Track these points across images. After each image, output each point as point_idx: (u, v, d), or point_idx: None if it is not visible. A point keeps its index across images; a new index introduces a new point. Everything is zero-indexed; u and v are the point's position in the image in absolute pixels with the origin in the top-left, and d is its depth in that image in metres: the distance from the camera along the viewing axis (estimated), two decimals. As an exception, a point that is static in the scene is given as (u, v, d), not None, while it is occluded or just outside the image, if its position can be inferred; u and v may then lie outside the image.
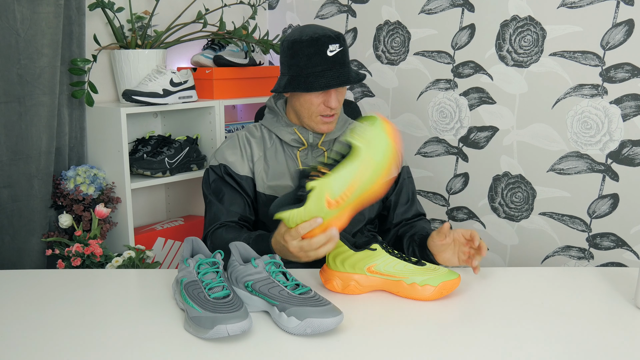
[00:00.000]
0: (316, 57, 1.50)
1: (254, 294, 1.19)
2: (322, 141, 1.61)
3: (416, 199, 1.73)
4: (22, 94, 1.97)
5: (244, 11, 2.67)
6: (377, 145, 1.19)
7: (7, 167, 1.98)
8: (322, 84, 1.49)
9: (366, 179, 1.19)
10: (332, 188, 1.20)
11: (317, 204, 1.21)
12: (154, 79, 2.14)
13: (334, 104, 1.53)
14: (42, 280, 1.42)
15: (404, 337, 1.11)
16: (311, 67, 1.50)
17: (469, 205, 2.36)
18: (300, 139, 1.60)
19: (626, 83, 1.96)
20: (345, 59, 1.53)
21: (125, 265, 1.92)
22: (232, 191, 1.58)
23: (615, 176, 2.02)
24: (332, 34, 1.52)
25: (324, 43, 1.50)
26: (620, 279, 1.39)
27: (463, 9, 2.25)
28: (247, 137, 1.63)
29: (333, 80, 1.50)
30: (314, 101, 1.54)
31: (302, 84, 1.51)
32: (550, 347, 1.06)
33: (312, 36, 1.50)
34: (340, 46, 1.52)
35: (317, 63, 1.50)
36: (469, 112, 2.29)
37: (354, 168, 1.19)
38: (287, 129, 1.61)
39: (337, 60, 1.51)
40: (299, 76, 1.52)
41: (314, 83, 1.49)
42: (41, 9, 1.96)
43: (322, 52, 1.49)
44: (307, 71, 1.50)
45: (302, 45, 1.50)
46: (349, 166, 1.20)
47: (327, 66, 1.50)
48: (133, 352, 1.05)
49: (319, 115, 1.56)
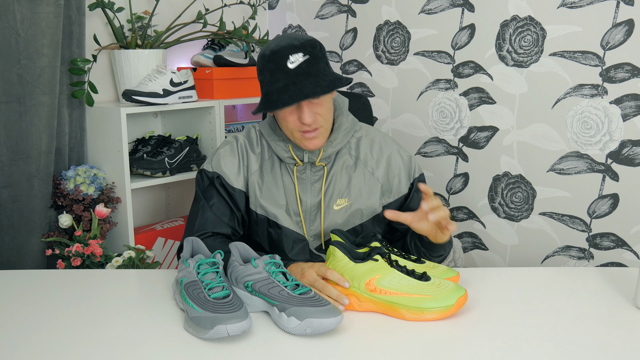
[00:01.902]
0: (277, 72, 1.37)
1: (253, 294, 1.19)
2: (321, 158, 1.49)
3: None
4: (22, 94, 1.97)
5: (244, 11, 2.67)
6: (438, 301, 1.17)
7: (7, 167, 1.98)
8: (284, 101, 1.36)
9: (407, 305, 1.17)
10: (385, 277, 1.20)
11: (361, 275, 1.21)
12: (154, 79, 2.14)
13: (307, 119, 1.39)
14: (42, 280, 1.42)
15: (403, 337, 1.11)
16: (274, 82, 1.37)
17: (469, 205, 2.36)
18: (294, 158, 1.49)
19: (626, 83, 1.96)
20: (310, 70, 1.37)
21: (125, 265, 1.92)
22: (223, 203, 1.49)
23: (615, 176, 2.02)
24: (296, 43, 1.37)
25: (283, 55, 1.36)
26: (620, 279, 1.39)
27: (463, 9, 2.25)
28: (246, 146, 1.53)
29: (295, 95, 1.35)
30: (289, 118, 1.42)
31: (267, 103, 1.39)
32: (550, 347, 1.06)
33: (273, 49, 1.37)
34: (304, 55, 1.36)
35: (278, 78, 1.37)
36: (469, 112, 2.29)
37: (412, 288, 1.19)
38: (283, 144, 1.49)
39: (300, 71, 1.36)
40: (266, 94, 1.40)
41: (277, 100, 1.36)
42: (41, 9, 1.96)
43: (282, 65, 1.36)
44: (272, 88, 1.38)
45: (264, 60, 1.39)
46: (411, 283, 1.19)
47: (290, 80, 1.36)
48: (133, 352, 1.05)
49: (299, 131, 1.43)
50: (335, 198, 1.50)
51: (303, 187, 1.49)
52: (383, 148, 1.55)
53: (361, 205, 1.50)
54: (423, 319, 1.17)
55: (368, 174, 1.52)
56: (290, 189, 1.49)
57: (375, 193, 1.52)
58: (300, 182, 1.49)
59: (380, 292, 1.19)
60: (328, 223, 1.49)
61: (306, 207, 1.49)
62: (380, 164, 1.53)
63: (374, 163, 1.53)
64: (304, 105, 1.39)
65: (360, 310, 1.21)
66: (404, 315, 1.18)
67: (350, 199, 1.50)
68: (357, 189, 1.51)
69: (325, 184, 1.50)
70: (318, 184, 1.49)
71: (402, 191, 1.54)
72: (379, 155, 1.54)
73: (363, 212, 1.50)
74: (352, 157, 1.53)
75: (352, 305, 1.22)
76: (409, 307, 1.17)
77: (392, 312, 1.19)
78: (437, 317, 1.17)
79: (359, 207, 1.50)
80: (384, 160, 1.54)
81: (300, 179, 1.50)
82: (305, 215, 1.49)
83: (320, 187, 1.49)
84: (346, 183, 1.51)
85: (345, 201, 1.50)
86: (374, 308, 1.21)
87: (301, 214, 1.49)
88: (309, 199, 1.49)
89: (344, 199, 1.50)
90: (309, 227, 1.49)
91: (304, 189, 1.49)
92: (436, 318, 1.17)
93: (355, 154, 1.54)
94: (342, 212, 1.49)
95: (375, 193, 1.52)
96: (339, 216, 1.50)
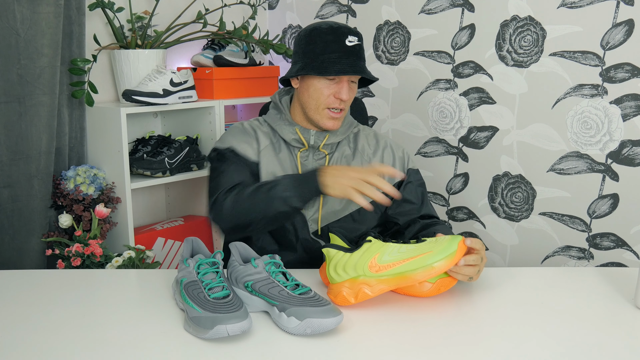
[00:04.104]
0: (334, 44, 1.47)
1: (253, 294, 1.19)
2: (324, 144, 1.57)
3: (427, 202, 1.64)
4: (22, 94, 1.97)
5: (244, 11, 2.67)
6: (440, 252, 1.18)
7: (7, 167, 1.98)
8: (337, 69, 1.46)
9: (415, 267, 1.18)
10: (384, 253, 1.20)
11: (362, 261, 1.21)
12: (154, 79, 2.14)
13: (345, 95, 1.49)
14: (42, 280, 1.42)
15: (403, 337, 1.11)
16: (328, 52, 1.47)
17: (469, 205, 2.36)
18: (301, 140, 1.56)
19: (626, 83, 1.96)
20: (362, 54, 1.52)
21: (125, 265, 1.92)
22: (242, 168, 1.51)
23: (615, 176, 2.02)
24: (351, 28, 1.51)
25: (344, 33, 1.48)
26: (620, 279, 1.39)
27: (463, 9, 2.25)
28: (252, 127, 1.60)
29: (349, 68, 1.47)
30: (324, 91, 1.50)
31: (317, 68, 1.47)
32: (550, 347, 1.06)
33: (332, 26, 1.49)
34: (359, 40, 1.51)
35: (334, 50, 1.47)
36: (469, 112, 2.29)
37: (412, 251, 1.20)
38: (289, 127, 1.57)
39: (355, 52, 1.49)
40: (313, 61, 1.49)
41: (329, 67, 1.46)
42: (41, 9, 1.96)
43: (341, 41, 1.48)
44: (323, 57, 1.47)
45: (320, 32, 1.49)
46: (409, 248, 1.20)
47: (344, 54, 1.48)
48: (133, 352, 1.05)
49: (327, 107, 1.52)
50: None
51: None
52: (379, 141, 1.67)
53: None
54: (435, 275, 1.19)
55: (365, 162, 1.61)
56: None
57: None
58: (303, 168, 1.56)
59: (386, 269, 1.19)
60: (327, 209, 1.55)
61: None
62: (377, 154, 1.64)
63: (370, 153, 1.63)
64: (345, 82, 1.50)
65: (375, 295, 1.21)
66: (415, 279, 1.18)
67: None
68: None
69: None
70: None
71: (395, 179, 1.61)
72: (376, 146, 1.65)
73: None
74: (351, 148, 1.62)
75: (366, 294, 1.20)
76: (417, 268, 1.17)
77: (404, 282, 1.19)
78: (446, 266, 1.18)
79: None
80: (380, 150, 1.64)
81: (303, 165, 1.56)
82: None
83: None
84: None
85: None
86: (387, 287, 1.21)
87: None
88: None
89: None
90: (307, 212, 1.55)
91: None
92: (446, 268, 1.18)
93: (354, 145, 1.63)
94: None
95: None
96: (336, 201, 1.56)
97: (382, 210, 1.60)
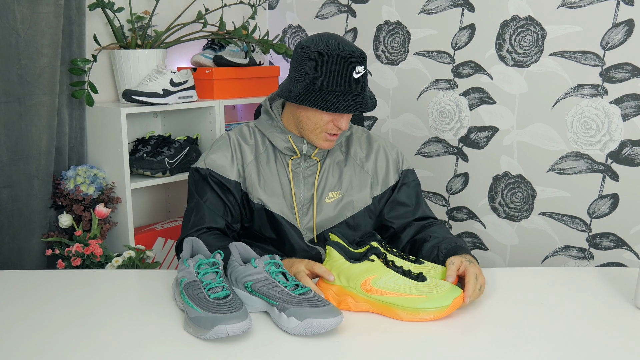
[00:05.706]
0: (341, 76, 1.40)
1: (253, 295, 1.19)
2: (317, 152, 1.54)
3: (423, 203, 1.62)
4: (22, 94, 1.97)
5: (244, 11, 2.67)
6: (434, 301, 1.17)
7: (7, 167, 1.98)
8: (342, 106, 1.41)
9: (403, 305, 1.17)
10: (381, 277, 1.20)
11: (357, 275, 1.21)
12: (154, 79, 2.14)
13: (344, 125, 1.46)
14: (42, 281, 1.42)
15: (403, 336, 1.11)
16: (334, 85, 1.41)
17: (469, 205, 2.36)
18: (294, 148, 1.52)
19: (626, 83, 1.96)
20: (366, 82, 1.46)
21: (125, 265, 1.92)
22: (216, 198, 1.50)
23: (615, 176, 2.02)
24: (359, 54, 1.42)
25: (352, 63, 1.40)
26: (620, 279, 1.39)
27: (463, 9, 2.25)
28: (238, 140, 1.55)
29: (354, 105, 1.42)
30: (324, 118, 1.45)
31: (321, 101, 1.41)
32: (550, 347, 1.06)
33: (341, 53, 1.40)
34: (364, 68, 1.44)
35: (341, 83, 1.41)
36: (469, 112, 2.29)
37: (408, 288, 1.19)
38: (282, 135, 1.53)
39: (360, 83, 1.43)
40: (318, 91, 1.41)
41: (334, 103, 1.40)
42: (41, 9, 1.95)
43: (349, 73, 1.41)
44: (329, 88, 1.41)
45: (328, 59, 1.40)
46: (407, 283, 1.19)
47: (350, 88, 1.41)
48: (133, 352, 1.05)
49: (324, 132, 1.48)
50: (327, 191, 1.54)
51: (297, 181, 1.54)
52: (372, 143, 1.63)
53: (352, 197, 1.55)
54: (419, 320, 1.17)
55: (358, 168, 1.59)
56: (285, 183, 1.53)
57: (365, 185, 1.57)
58: (294, 176, 1.54)
59: (376, 293, 1.19)
60: (321, 217, 1.54)
61: (299, 201, 1.53)
62: (370, 157, 1.60)
63: (363, 157, 1.60)
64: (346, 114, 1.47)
65: (356, 310, 1.21)
66: (399, 316, 1.18)
67: (341, 191, 1.55)
68: (348, 182, 1.56)
69: (319, 178, 1.55)
70: (311, 178, 1.54)
71: (389, 182, 1.60)
72: (368, 149, 1.62)
73: (355, 205, 1.55)
74: (343, 153, 1.60)
75: (348, 306, 1.22)
76: (405, 307, 1.17)
77: (388, 313, 1.19)
78: (432, 317, 1.17)
79: (350, 200, 1.55)
80: (372, 154, 1.61)
81: (294, 173, 1.54)
82: (299, 209, 1.53)
83: (314, 181, 1.54)
84: (337, 177, 1.56)
85: (337, 194, 1.55)
86: (370, 308, 1.21)
87: (295, 207, 1.52)
88: (302, 193, 1.53)
89: (335, 192, 1.55)
90: (302, 220, 1.53)
91: (297, 183, 1.54)
92: (432, 319, 1.17)
93: (346, 150, 1.60)
94: (333, 204, 1.54)
95: (366, 185, 1.57)
96: (330, 209, 1.54)
97: (376, 214, 1.59)
